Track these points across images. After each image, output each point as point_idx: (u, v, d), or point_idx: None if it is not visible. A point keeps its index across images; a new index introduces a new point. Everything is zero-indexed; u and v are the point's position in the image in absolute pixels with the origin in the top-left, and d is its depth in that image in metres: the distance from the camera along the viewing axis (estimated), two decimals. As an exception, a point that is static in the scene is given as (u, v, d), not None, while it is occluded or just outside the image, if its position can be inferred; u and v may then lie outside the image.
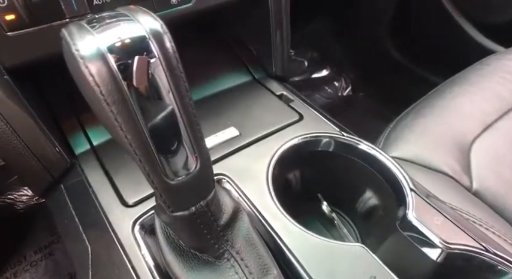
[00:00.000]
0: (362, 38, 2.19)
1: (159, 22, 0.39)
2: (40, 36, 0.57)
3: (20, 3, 0.53)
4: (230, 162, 0.63)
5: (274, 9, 0.79)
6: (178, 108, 0.39)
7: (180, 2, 0.66)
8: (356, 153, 0.66)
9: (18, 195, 1.63)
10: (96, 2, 0.59)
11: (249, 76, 0.86)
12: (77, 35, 0.35)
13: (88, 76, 0.34)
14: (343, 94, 2.31)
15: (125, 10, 0.42)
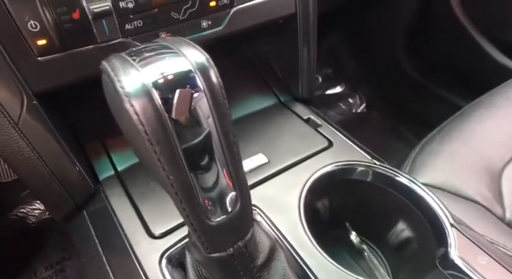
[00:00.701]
0: (377, 55, 2.17)
1: (205, 55, 0.37)
2: (70, 61, 0.55)
3: (53, 28, 0.52)
4: (260, 192, 0.61)
5: (303, 29, 0.78)
6: (222, 147, 0.37)
7: (210, 25, 0.65)
8: (391, 184, 0.63)
9: (30, 209, 1.62)
10: (128, 26, 0.57)
11: (275, 98, 0.85)
12: (121, 69, 0.34)
13: (133, 114, 0.32)
14: (358, 111, 2.29)
15: (167, 42, 0.40)
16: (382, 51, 2.11)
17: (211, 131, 0.37)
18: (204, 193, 0.38)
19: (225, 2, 0.64)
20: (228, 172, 0.38)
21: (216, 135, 0.37)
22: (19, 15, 0.50)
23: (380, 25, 2.02)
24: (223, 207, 0.39)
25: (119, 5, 0.55)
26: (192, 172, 0.36)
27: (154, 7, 0.58)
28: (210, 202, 0.38)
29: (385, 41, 2.05)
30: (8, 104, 0.53)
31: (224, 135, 0.37)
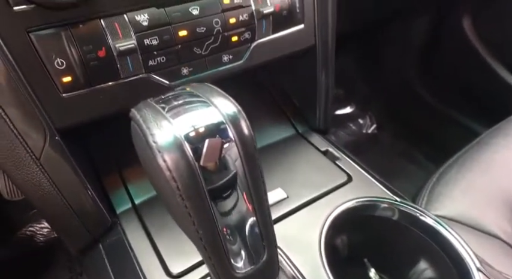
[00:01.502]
0: (388, 76, 2.17)
1: (237, 107, 0.37)
2: (93, 97, 0.56)
3: (78, 66, 0.52)
4: (279, 229, 0.59)
5: (321, 61, 0.78)
6: (252, 199, 0.37)
7: (231, 59, 0.65)
8: (415, 223, 0.62)
9: (39, 227, 1.61)
10: (151, 62, 0.58)
11: (292, 129, 0.84)
12: (153, 122, 0.33)
13: (165, 170, 0.31)
14: (368, 131, 2.27)
15: (196, 89, 0.40)
16: (393, 72, 2.11)
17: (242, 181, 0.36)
18: (232, 245, 0.37)
19: (246, 36, 0.65)
20: (257, 224, 0.37)
21: (246, 186, 0.36)
22: (46, 53, 0.50)
23: (392, 46, 2.03)
24: (250, 258, 0.38)
25: (143, 43, 0.55)
26: (222, 225, 0.35)
27: (178, 43, 0.58)
28: (237, 255, 0.37)
29: (397, 62, 2.05)
30: (31, 139, 0.53)
31: (255, 188, 0.36)
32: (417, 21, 1.80)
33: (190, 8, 0.58)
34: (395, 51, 2.03)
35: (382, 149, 2.17)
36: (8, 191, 1.22)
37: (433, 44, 1.87)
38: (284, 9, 0.67)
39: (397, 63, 2.06)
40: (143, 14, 0.55)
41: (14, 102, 0.51)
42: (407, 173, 1.98)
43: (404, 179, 1.92)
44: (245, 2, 0.62)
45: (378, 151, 2.15)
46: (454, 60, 1.82)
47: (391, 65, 2.11)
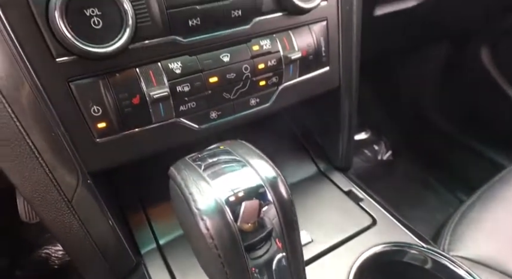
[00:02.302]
0: (404, 102, 2.16)
1: (276, 171, 0.37)
2: (125, 141, 0.57)
3: (113, 112, 0.54)
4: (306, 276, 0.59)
5: (345, 100, 0.79)
6: (289, 259, 0.37)
7: (258, 103, 0.66)
8: (445, 272, 0.60)
9: (54, 250, 1.62)
10: (182, 108, 0.59)
11: (313, 166, 0.84)
12: (194, 187, 0.34)
13: (208, 238, 0.32)
14: (383, 158, 2.25)
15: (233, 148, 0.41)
16: (410, 98, 2.11)
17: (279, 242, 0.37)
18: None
19: (274, 80, 0.66)
20: (290, 272, 0.37)
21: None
22: (84, 101, 0.52)
23: (408, 73, 2.03)
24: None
25: (176, 89, 0.57)
26: (254, 270, 0.35)
27: (208, 89, 0.60)
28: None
29: (413, 89, 2.05)
30: (64, 182, 0.55)
31: (292, 252, 0.36)
32: (435, 49, 1.81)
33: (221, 55, 0.60)
34: (412, 78, 2.03)
35: (398, 177, 2.15)
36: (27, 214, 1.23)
37: (451, 72, 1.87)
38: (311, 53, 0.68)
39: (414, 90, 2.05)
40: (176, 62, 0.57)
41: (51, 147, 0.52)
42: (424, 202, 1.95)
43: (422, 208, 1.90)
44: (273, 48, 0.64)
45: (394, 178, 2.13)
46: (472, 89, 1.82)
47: (407, 92, 2.11)
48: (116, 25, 0.50)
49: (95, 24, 0.49)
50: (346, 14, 0.72)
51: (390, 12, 1.12)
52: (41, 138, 0.52)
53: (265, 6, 0.62)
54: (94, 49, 0.49)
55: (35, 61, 0.49)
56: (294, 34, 0.66)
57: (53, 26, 0.47)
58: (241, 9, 0.59)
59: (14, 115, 0.50)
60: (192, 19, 0.56)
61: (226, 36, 0.60)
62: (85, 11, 0.48)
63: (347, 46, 0.74)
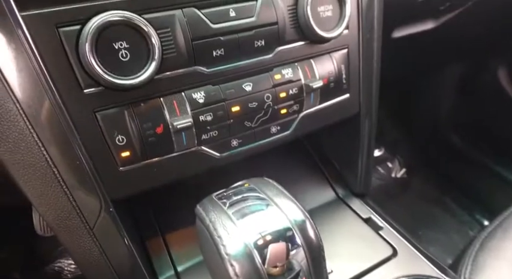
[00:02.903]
0: (419, 120, 2.14)
1: (304, 213, 0.37)
2: (148, 170, 0.57)
3: (137, 142, 0.55)
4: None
5: (365, 126, 0.78)
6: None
7: (279, 130, 0.66)
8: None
9: (67, 263, 1.62)
10: (204, 136, 0.59)
11: (331, 192, 0.84)
12: (223, 229, 0.34)
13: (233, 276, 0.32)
14: (397, 176, 2.22)
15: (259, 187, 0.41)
16: (425, 116, 2.09)
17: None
18: None
19: (294, 108, 0.66)
20: None
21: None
22: (109, 130, 0.53)
23: (425, 92, 2.01)
24: None
25: (198, 119, 0.57)
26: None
27: (231, 118, 0.60)
28: None
29: (429, 108, 2.03)
30: (86, 210, 0.55)
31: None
32: (452, 68, 1.80)
33: (244, 84, 0.60)
34: (428, 97, 2.01)
35: (412, 195, 2.11)
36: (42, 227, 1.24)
37: (468, 92, 1.85)
38: (332, 81, 0.68)
39: (430, 109, 2.03)
40: (200, 91, 0.57)
41: (75, 175, 0.53)
42: (440, 222, 1.91)
43: (438, 229, 1.86)
44: (295, 76, 0.64)
45: (408, 197, 2.10)
46: (490, 109, 1.79)
47: (423, 110, 2.09)
48: (143, 57, 0.51)
49: (122, 56, 0.50)
50: (367, 41, 0.72)
51: (408, 34, 1.12)
52: (66, 166, 0.52)
53: (288, 36, 0.62)
54: (121, 81, 0.50)
55: (64, 92, 0.50)
56: (315, 62, 0.67)
57: (83, 59, 0.48)
58: (264, 39, 0.60)
59: (41, 143, 0.50)
60: (216, 50, 0.57)
61: (248, 66, 0.60)
62: (114, 44, 0.49)
63: (367, 73, 0.74)
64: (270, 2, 0.59)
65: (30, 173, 0.52)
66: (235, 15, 0.57)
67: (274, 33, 0.60)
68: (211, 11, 0.56)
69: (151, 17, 0.52)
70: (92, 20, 0.48)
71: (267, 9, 0.59)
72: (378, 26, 0.74)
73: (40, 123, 0.50)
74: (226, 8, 0.56)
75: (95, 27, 0.47)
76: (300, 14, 0.61)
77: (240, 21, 0.57)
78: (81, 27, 0.48)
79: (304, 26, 0.62)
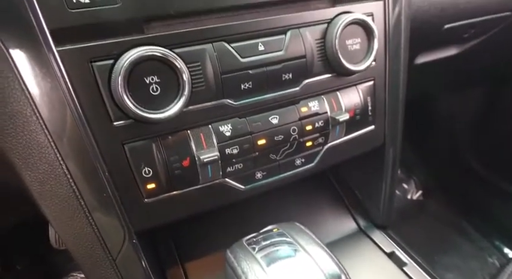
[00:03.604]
0: (436, 141, 2.11)
1: (340, 267, 0.36)
2: (173, 201, 0.57)
3: (163, 174, 0.54)
4: None
5: (389, 157, 0.77)
6: None
7: (303, 162, 0.66)
8: None
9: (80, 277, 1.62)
10: (229, 169, 0.59)
11: (352, 222, 0.82)
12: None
13: None
14: (413, 198, 2.18)
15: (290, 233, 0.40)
16: (442, 138, 2.05)
17: None
18: None
19: (320, 141, 0.65)
20: None
21: None
22: (136, 162, 0.53)
23: (443, 113, 1.98)
24: None
25: (225, 152, 0.57)
26: None
27: (256, 151, 0.60)
28: None
29: (448, 130, 2.00)
30: (110, 241, 0.55)
31: None
32: (473, 91, 1.77)
33: (271, 117, 0.60)
34: (447, 119, 1.98)
35: (429, 219, 2.07)
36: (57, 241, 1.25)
37: (488, 114, 1.81)
38: (358, 114, 0.68)
39: (448, 130, 2.00)
40: (227, 124, 0.57)
41: (101, 206, 0.53)
42: (457, 247, 1.86)
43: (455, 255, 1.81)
44: (321, 109, 0.64)
45: (424, 220, 2.05)
46: (509, 132, 1.76)
47: (440, 131, 2.06)
48: (173, 91, 0.51)
49: (153, 90, 0.50)
50: (394, 72, 0.72)
51: (430, 60, 1.11)
52: (92, 198, 0.52)
53: (315, 68, 0.62)
54: (151, 115, 0.50)
55: (94, 124, 0.50)
56: (341, 94, 0.66)
57: (114, 93, 0.49)
58: (292, 73, 0.60)
59: (70, 175, 0.51)
60: (245, 83, 0.57)
61: (275, 98, 0.60)
62: (145, 79, 0.50)
63: (393, 104, 0.73)
64: (298, 35, 0.59)
65: (57, 204, 0.52)
66: (264, 49, 0.57)
67: (302, 66, 0.60)
68: (241, 45, 0.56)
69: (183, 51, 0.52)
70: (125, 55, 0.48)
71: (296, 43, 0.59)
72: (405, 57, 0.73)
73: (70, 154, 0.50)
74: (256, 42, 0.57)
75: (128, 62, 0.47)
76: (328, 47, 0.61)
77: (269, 54, 0.57)
78: (114, 61, 0.49)
79: (331, 59, 0.62)
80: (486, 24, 1.05)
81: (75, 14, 0.46)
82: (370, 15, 0.66)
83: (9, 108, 0.47)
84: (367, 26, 0.63)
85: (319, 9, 0.61)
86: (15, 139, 0.49)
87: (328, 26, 0.61)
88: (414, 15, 0.81)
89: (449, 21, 0.95)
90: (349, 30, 0.62)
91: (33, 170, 0.51)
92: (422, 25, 0.87)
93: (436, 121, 2.02)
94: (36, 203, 0.54)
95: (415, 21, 0.82)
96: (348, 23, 0.61)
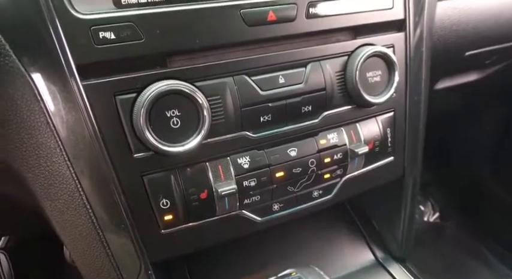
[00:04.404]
0: (454, 163, 2.06)
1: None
2: (189, 233, 0.57)
3: (181, 206, 0.54)
4: None
5: (408, 189, 0.76)
6: None
7: (321, 194, 0.65)
8: None
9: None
10: (247, 201, 0.59)
11: (369, 254, 0.80)
12: None
13: None
14: (430, 220, 2.12)
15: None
16: (461, 160, 2.00)
17: None
18: None
19: (338, 173, 0.65)
20: None
21: None
22: (154, 194, 0.53)
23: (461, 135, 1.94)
24: None
25: (242, 184, 0.57)
26: None
27: (274, 183, 0.59)
28: None
29: (466, 152, 1.96)
30: (126, 272, 0.55)
31: None
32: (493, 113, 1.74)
33: (289, 149, 0.60)
34: (465, 140, 1.94)
35: (446, 243, 2.01)
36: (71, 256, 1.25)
37: (507, 136, 1.77)
38: (377, 145, 0.67)
39: (467, 152, 1.96)
40: (245, 156, 0.57)
41: (118, 237, 0.53)
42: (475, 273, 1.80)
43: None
44: (340, 141, 0.63)
45: (442, 244, 1.99)
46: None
47: (459, 153, 2.01)
48: (193, 124, 0.51)
49: (173, 124, 0.51)
50: (414, 103, 0.71)
51: (450, 85, 1.09)
52: (110, 228, 0.53)
53: (335, 101, 0.62)
54: (170, 148, 0.50)
55: (114, 155, 0.51)
56: (360, 126, 0.65)
57: (136, 126, 0.49)
58: (311, 105, 0.60)
59: (89, 205, 0.51)
60: (264, 116, 0.57)
61: (294, 131, 0.60)
62: (166, 112, 0.50)
63: (413, 134, 0.72)
64: (318, 68, 0.59)
65: (76, 234, 0.53)
66: (284, 82, 0.57)
67: (321, 98, 0.60)
68: (261, 78, 0.56)
69: (204, 85, 0.52)
70: (148, 89, 0.49)
71: (316, 76, 0.59)
72: (425, 87, 0.72)
73: (90, 185, 0.50)
74: (276, 75, 0.57)
75: (151, 97, 0.48)
76: (348, 79, 0.61)
77: (289, 87, 0.57)
78: (137, 95, 0.49)
79: (351, 91, 0.61)
80: (508, 51, 1.03)
81: (102, 49, 0.47)
82: (391, 47, 0.66)
83: (34, 140, 0.48)
84: (388, 58, 0.62)
85: (341, 41, 0.61)
86: (38, 170, 0.50)
87: (349, 58, 0.61)
88: (435, 43, 0.80)
89: (471, 49, 0.94)
90: (370, 63, 0.62)
91: (54, 200, 0.52)
92: (443, 53, 0.87)
93: (455, 142, 1.98)
94: (56, 231, 0.55)
95: (436, 49, 0.82)
96: (368, 55, 0.60)
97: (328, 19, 0.58)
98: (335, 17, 0.59)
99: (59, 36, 0.45)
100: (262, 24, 0.54)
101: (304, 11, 0.56)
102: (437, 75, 1.00)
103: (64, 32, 0.45)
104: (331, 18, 0.59)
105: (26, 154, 0.49)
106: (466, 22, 0.84)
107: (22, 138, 0.49)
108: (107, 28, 0.46)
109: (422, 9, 0.68)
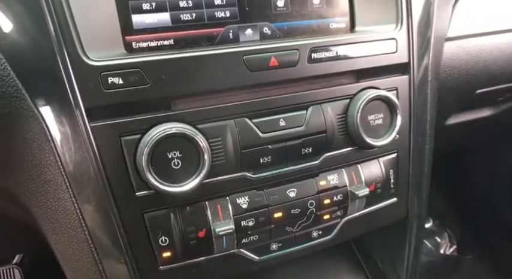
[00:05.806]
0: (471, 194, 2.00)
1: None
2: (187, 270, 0.58)
3: (179, 243, 0.56)
4: None
5: (413, 230, 0.74)
6: None
7: (320, 235, 0.65)
8: None
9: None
10: (245, 240, 0.59)
11: (372, 294, 0.79)
12: None
13: None
14: (447, 253, 2.05)
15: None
16: (478, 191, 1.95)
17: None
18: None
19: (338, 213, 0.65)
20: None
21: None
22: (154, 231, 0.55)
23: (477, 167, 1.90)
24: None
25: (240, 224, 0.58)
26: None
27: (272, 223, 0.60)
28: None
29: (483, 184, 1.90)
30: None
31: None
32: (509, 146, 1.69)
33: (288, 190, 0.61)
34: (482, 172, 1.89)
35: (464, 276, 1.93)
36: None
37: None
38: (378, 187, 0.67)
39: (484, 185, 1.90)
40: (244, 196, 0.58)
41: (119, 273, 0.55)
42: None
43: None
44: (341, 182, 0.63)
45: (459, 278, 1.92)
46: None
47: (475, 184, 1.96)
48: (193, 165, 0.53)
49: (174, 164, 0.52)
50: (418, 145, 0.70)
51: (463, 121, 1.08)
52: (110, 264, 0.54)
53: (336, 143, 0.62)
54: (171, 189, 0.52)
55: (117, 193, 0.53)
56: (362, 167, 0.66)
57: (139, 166, 0.51)
58: (311, 147, 0.60)
59: (91, 241, 0.53)
60: (264, 157, 0.58)
61: (294, 172, 0.61)
62: (168, 154, 0.52)
63: (417, 176, 0.72)
64: (319, 110, 0.60)
65: (78, 267, 0.55)
66: (284, 125, 0.59)
67: (322, 141, 0.61)
68: (262, 121, 0.57)
69: (205, 127, 0.54)
70: (152, 131, 0.51)
71: (317, 118, 0.60)
72: (431, 128, 0.72)
73: (93, 221, 0.53)
74: (277, 118, 0.58)
75: (153, 139, 0.50)
76: (350, 122, 0.62)
77: (289, 130, 0.59)
78: (141, 136, 0.52)
79: (353, 133, 0.62)
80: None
81: (110, 94, 0.49)
82: (395, 90, 0.66)
83: (43, 177, 0.51)
84: (390, 102, 0.63)
85: (343, 84, 0.63)
86: (45, 205, 0.53)
87: (351, 102, 0.62)
88: (443, 82, 0.80)
89: (482, 87, 0.93)
90: (372, 106, 0.62)
91: (58, 234, 0.54)
92: (453, 90, 0.86)
93: (472, 173, 1.93)
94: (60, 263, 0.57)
95: (445, 87, 0.81)
96: (370, 99, 0.61)
97: (330, 63, 0.60)
98: (337, 61, 0.60)
99: (70, 81, 0.48)
100: (265, 69, 0.56)
101: (306, 56, 0.58)
102: (448, 111, 0.99)
103: (76, 77, 0.48)
104: (334, 62, 0.60)
105: (34, 190, 0.52)
106: (475, 61, 0.84)
107: (32, 175, 0.52)
108: (116, 74, 0.49)
109: (427, 52, 0.69)
